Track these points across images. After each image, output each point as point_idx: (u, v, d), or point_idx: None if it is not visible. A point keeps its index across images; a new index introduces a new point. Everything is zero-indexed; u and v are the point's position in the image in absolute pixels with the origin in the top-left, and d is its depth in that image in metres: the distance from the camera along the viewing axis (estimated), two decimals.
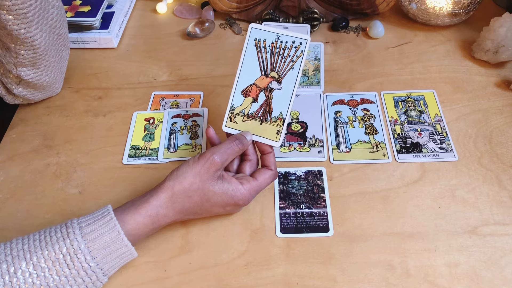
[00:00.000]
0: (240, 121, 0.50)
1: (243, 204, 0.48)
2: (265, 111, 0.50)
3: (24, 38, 0.53)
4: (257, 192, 0.48)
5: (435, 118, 0.61)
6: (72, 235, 0.41)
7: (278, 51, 0.49)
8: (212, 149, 0.46)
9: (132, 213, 0.44)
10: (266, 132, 0.50)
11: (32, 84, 0.60)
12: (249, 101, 0.50)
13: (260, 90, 0.50)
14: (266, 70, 0.50)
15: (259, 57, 0.50)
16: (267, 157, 0.50)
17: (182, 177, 0.45)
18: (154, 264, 0.48)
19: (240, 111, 0.50)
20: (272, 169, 0.49)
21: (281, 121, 0.49)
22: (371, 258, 0.47)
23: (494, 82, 0.66)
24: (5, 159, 0.59)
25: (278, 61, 0.49)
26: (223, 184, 0.46)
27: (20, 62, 0.56)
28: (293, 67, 0.49)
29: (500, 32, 0.66)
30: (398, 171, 0.55)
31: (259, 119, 0.50)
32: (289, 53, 0.49)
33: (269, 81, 0.49)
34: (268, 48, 0.49)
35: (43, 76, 0.61)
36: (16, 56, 0.55)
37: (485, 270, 0.46)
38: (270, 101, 0.49)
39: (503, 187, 0.53)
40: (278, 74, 0.49)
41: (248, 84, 0.50)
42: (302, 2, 0.76)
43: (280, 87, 0.49)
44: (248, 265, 0.47)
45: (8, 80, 0.59)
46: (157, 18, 0.83)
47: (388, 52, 0.73)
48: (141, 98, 0.67)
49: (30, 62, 0.57)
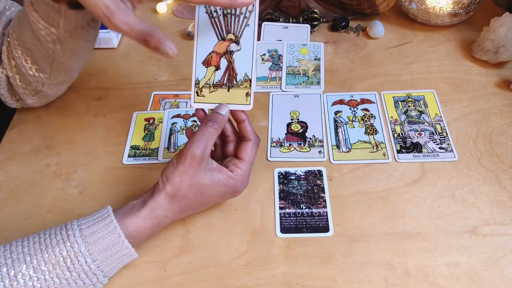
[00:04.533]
0: (207, 93, 0.48)
1: (240, 189, 0.47)
2: (229, 76, 0.48)
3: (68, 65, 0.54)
4: (249, 171, 0.48)
5: (435, 118, 0.61)
6: (72, 238, 0.41)
7: (229, 11, 0.47)
8: (188, 143, 0.45)
9: (132, 216, 0.44)
10: (236, 98, 0.48)
11: (49, 97, 0.62)
12: (212, 70, 0.48)
13: (221, 56, 0.48)
14: (222, 34, 0.47)
15: (213, 23, 0.47)
16: (242, 126, 0.48)
17: (171, 179, 0.44)
18: (154, 264, 0.48)
19: (205, 82, 0.48)
20: (251, 138, 0.48)
21: (248, 82, 0.47)
22: (371, 258, 0.47)
23: (494, 82, 0.66)
24: (5, 159, 0.59)
25: (232, 22, 0.47)
26: (213, 175, 0.45)
27: (51, 83, 0.57)
28: (248, 24, 0.47)
29: (500, 32, 0.66)
30: (398, 171, 0.55)
31: (225, 86, 0.48)
32: (241, 11, 0.46)
33: (227, 44, 0.47)
34: (219, 11, 0.47)
35: (62, 91, 0.62)
36: (50, 78, 0.56)
37: (485, 270, 0.46)
38: (233, 64, 0.47)
39: (503, 187, 0.53)
40: (235, 35, 0.47)
41: (208, 53, 0.48)
42: (302, 2, 0.76)
43: (239, 48, 0.47)
44: (248, 265, 0.47)
45: (25, 92, 0.59)
46: (157, 18, 0.83)
47: (388, 52, 0.73)
48: (141, 98, 0.67)
49: (59, 82, 0.58)
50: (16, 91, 0.59)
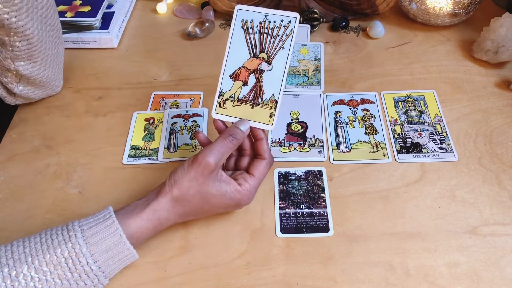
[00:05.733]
0: (230, 106, 0.48)
1: (244, 203, 0.48)
2: (256, 94, 0.48)
3: (17, 27, 0.52)
4: (256, 188, 0.48)
5: (435, 118, 0.61)
6: (73, 239, 0.41)
7: (266, 31, 0.47)
8: (205, 151, 0.45)
9: (134, 217, 0.44)
10: (259, 116, 0.48)
11: (32, 80, 0.60)
12: (238, 85, 0.48)
13: (250, 73, 0.48)
14: (255, 52, 0.48)
15: (247, 39, 0.48)
16: (259, 144, 0.48)
17: (179, 183, 0.44)
18: (154, 264, 0.48)
19: (229, 96, 0.48)
20: (266, 157, 0.48)
21: (274, 103, 0.48)
22: (371, 258, 0.47)
23: (494, 82, 0.66)
24: (5, 159, 0.59)
25: (267, 42, 0.47)
26: (221, 186, 0.45)
27: (16, 56, 0.56)
28: (283, 47, 0.47)
29: (500, 32, 0.66)
30: (398, 171, 0.56)
31: (250, 103, 0.48)
32: (278, 32, 0.47)
33: (259, 62, 0.48)
34: (256, 29, 0.47)
35: (41, 71, 0.60)
36: (12, 50, 0.55)
37: (485, 270, 0.46)
38: (261, 83, 0.48)
39: (503, 187, 0.53)
40: (268, 55, 0.47)
41: (237, 68, 0.48)
42: (302, 2, 0.76)
43: (270, 68, 0.47)
44: (248, 265, 0.48)
45: (8, 80, 0.59)
46: (157, 18, 0.83)
47: (388, 52, 0.73)
48: (141, 98, 0.67)
49: (26, 54, 0.57)
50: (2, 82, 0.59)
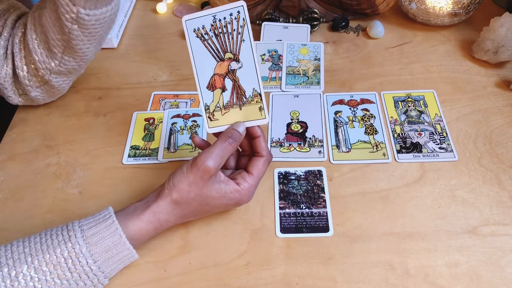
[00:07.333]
0: (220, 116, 0.48)
1: (244, 202, 0.48)
2: (238, 95, 0.48)
3: (80, 51, 0.54)
4: (256, 186, 0.48)
5: (435, 118, 0.61)
6: (73, 239, 0.41)
7: (221, 31, 0.46)
8: (204, 154, 0.44)
9: (134, 219, 0.44)
10: (250, 114, 0.48)
11: (53, 90, 0.61)
12: (219, 93, 0.48)
13: (224, 77, 0.47)
14: (219, 55, 0.47)
15: (207, 46, 0.47)
16: (257, 142, 0.48)
17: (178, 186, 0.44)
18: (154, 264, 0.48)
19: (215, 106, 0.48)
20: (264, 155, 0.48)
21: (258, 97, 0.47)
22: (371, 258, 0.47)
23: (494, 82, 0.66)
24: (5, 159, 0.59)
25: (226, 41, 0.46)
26: (220, 187, 0.45)
27: (59, 71, 0.57)
28: (243, 39, 0.46)
29: (500, 32, 0.66)
30: (398, 171, 0.56)
31: (237, 106, 0.48)
32: (232, 28, 0.46)
33: (227, 63, 0.47)
34: (210, 33, 0.46)
35: (67, 84, 0.62)
36: (59, 65, 0.55)
37: (485, 270, 0.46)
38: (238, 82, 0.47)
39: (503, 187, 0.53)
40: (233, 53, 0.47)
41: (210, 77, 0.48)
42: (302, 2, 0.76)
43: (240, 65, 0.47)
44: (248, 265, 0.48)
45: (30, 83, 0.58)
46: (157, 18, 0.83)
47: (388, 52, 0.73)
48: (141, 98, 0.67)
49: (68, 71, 0.58)
50: (21, 84, 0.59)
